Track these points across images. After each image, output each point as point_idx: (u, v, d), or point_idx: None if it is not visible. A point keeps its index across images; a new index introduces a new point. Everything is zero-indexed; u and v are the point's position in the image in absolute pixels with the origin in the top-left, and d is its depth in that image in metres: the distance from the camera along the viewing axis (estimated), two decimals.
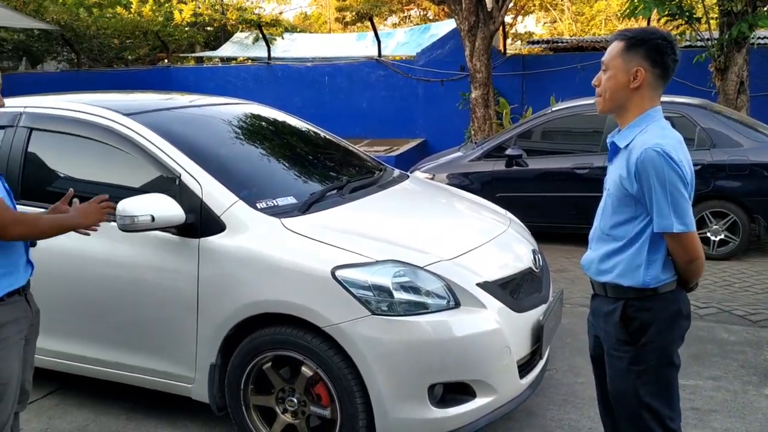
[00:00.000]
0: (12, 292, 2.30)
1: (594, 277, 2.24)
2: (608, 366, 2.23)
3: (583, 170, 6.67)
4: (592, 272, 2.25)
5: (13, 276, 2.31)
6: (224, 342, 2.95)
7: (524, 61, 11.11)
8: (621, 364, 2.16)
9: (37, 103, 3.61)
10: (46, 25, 14.00)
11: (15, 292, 2.32)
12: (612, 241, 2.16)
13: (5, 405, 2.29)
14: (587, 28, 28.61)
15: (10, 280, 2.30)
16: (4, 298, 2.27)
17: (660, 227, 2.03)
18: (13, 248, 2.31)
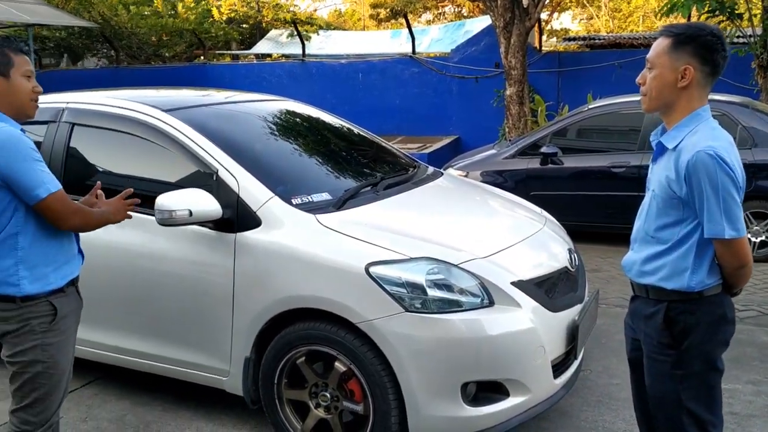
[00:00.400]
0: (69, 282, 2.37)
1: (635, 278, 2.19)
2: (648, 369, 2.18)
3: (619, 169, 6.58)
4: (633, 274, 2.19)
5: (71, 265, 2.39)
6: (259, 336, 2.98)
7: (560, 58, 10.99)
8: (663, 367, 2.12)
9: (79, 99, 3.69)
10: (87, 23, 14.29)
11: (71, 282, 2.39)
12: (656, 243, 2.10)
13: (58, 394, 2.37)
14: (624, 25, 28.16)
15: (69, 268, 2.38)
16: (65, 288, 2.34)
17: (711, 233, 1.97)
18: (70, 238, 2.40)
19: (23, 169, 2.17)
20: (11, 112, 2.29)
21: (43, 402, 2.33)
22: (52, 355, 2.30)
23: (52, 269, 2.30)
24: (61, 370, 2.35)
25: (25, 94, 2.30)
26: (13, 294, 2.25)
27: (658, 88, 2.06)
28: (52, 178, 2.23)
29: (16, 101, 2.29)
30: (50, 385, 2.33)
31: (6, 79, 2.27)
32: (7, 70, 2.27)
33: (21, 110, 2.32)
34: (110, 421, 3.42)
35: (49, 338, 2.30)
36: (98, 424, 3.38)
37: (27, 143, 2.21)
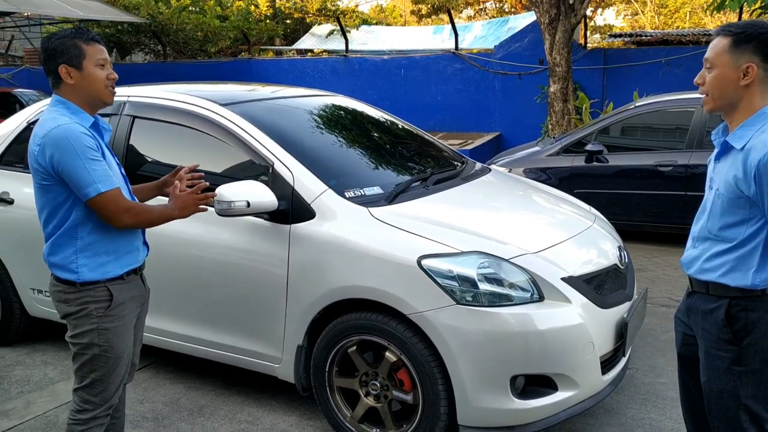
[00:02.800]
0: (130, 271, 2.46)
1: (695, 275, 2.18)
2: (705, 365, 2.18)
3: (666, 168, 6.50)
4: (693, 270, 2.19)
5: (132, 255, 2.47)
6: (311, 325, 3.06)
7: (606, 54, 10.86)
8: (722, 363, 2.12)
9: (140, 92, 3.82)
10: (136, 18, 14.63)
11: (132, 271, 2.48)
12: (721, 242, 2.10)
13: (116, 376, 2.46)
14: (671, 21, 27.62)
15: (129, 259, 2.45)
16: (124, 276, 2.43)
17: None
18: (132, 230, 2.46)
19: (76, 167, 2.23)
20: (87, 102, 2.37)
21: (101, 383, 2.43)
22: (108, 339, 2.39)
23: (112, 259, 2.39)
24: (118, 355, 2.42)
25: (100, 83, 2.36)
26: (74, 280, 2.35)
27: (720, 88, 2.06)
28: (106, 177, 2.27)
29: (92, 91, 2.36)
30: (107, 368, 2.42)
31: (79, 71, 2.33)
32: (80, 62, 2.33)
33: (97, 99, 2.39)
34: (165, 403, 3.54)
35: (106, 323, 2.38)
36: (154, 407, 3.51)
37: (83, 141, 2.25)
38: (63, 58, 2.33)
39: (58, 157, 2.23)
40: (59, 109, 2.34)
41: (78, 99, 2.36)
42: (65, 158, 2.23)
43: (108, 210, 2.29)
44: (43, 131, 2.27)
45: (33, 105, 4.31)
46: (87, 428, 2.43)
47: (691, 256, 2.21)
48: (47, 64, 2.35)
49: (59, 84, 2.36)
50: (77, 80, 2.34)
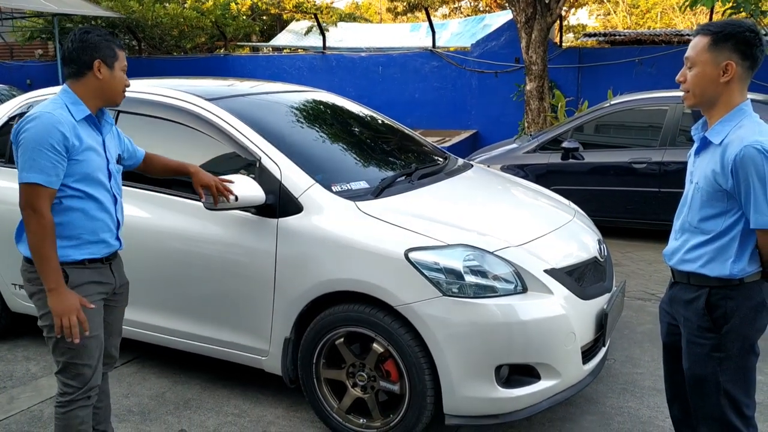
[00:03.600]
0: (94, 259, 2.51)
1: (677, 266, 2.28)
2: (687, 352, 2.28)
3: (640, 165, 6.64)
4: (675, 261, 2.29)
5: (95, 246, 2.52)
6: (299, 318, 3.10)
7: (580, 53, 11.02)
8: (702, 350, 2.21)
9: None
10: (112, 13, 14.45)
11: (97, 260, 2.53)
12: (700, 233, 2.19)
13: (87, 359, 2.49)
14: (642, 21, 28.03)
15: (92, 248, 2.51)
16: (86, 262, 2.49)
17: (758, 224, 2.06)
18: (102, 225, 2.53)
19: (30, 153, 2.32)
20: (101, 99, 2.52)
21: (74, 368, 2.48)
22: None
23: (74, 244, 2.45)
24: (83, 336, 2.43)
25: (121, 86, 2.55)
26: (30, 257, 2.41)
27: (701, 85, 2.14)
28: (45, 171, 2.31)
29: (113, 90, 2.53)
30: (74, 352, 2.46)
31: (111, 71, 2.49)
32: (113, 63, 2.50)
33: (112, 99, 2.55)
34: (151, 397, 3.55)
35: None
36: (140, 401, 3.52)
37: (53, 134, 2.32)
38: (100, 54, 2.47)
39: (23, 143, 2.34)
40: (58, 98, 2.45)
41: (93, 94, 2.49)
42: (27, 145, 2.33)
43: (23, 200, 2.35)
44: (33, 113, 2.38)
45: (13, 100, 4.27)
46: (68, 410, 2.50)
47: (672, 248, 2.31)
48: (80, 54, 2.46)
49: (83, 75, 2.47)
50: (105, 78, 2.49)
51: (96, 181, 2.48)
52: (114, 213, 2.58)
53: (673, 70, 2.27)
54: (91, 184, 2.47)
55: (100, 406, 2.76)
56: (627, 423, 3.27)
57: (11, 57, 18.31)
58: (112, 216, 2.57)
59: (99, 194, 2.49)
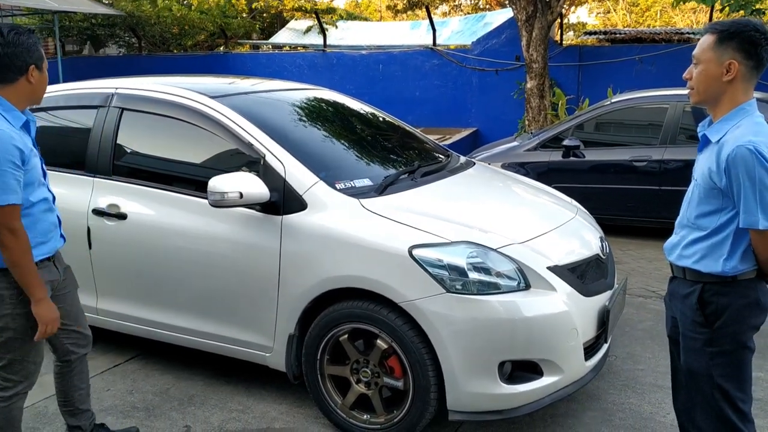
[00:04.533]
0: (43, 259, 2.57)
1: (675, 261, 2.32)
2: (683, 346, 2.32)
3: (640, 163, 6.66)
4: (673, 257, 2.32)
5: (45, 246, 2.57)
6: (303, 314, 3.12)
7: (581, 51, 11.04)
8: (696, 344, 2.25)
9: (127, 84, 3.83)
10: (113, 10, 14.45)
11: (46, 259, 2.59)
12: (696, 229, 2.22)
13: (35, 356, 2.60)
14: (642, 19, 28.05)
15: (42, 249, 2.56)
16: (37, 264, 2.51)
17: (746, 223, 2.08)
18: (47, 223, 2.58)
19: None
20: (30, 101, 2.49)
21: (20, 363, 2.56)
22: (22, 324, 2.51)
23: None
24: (32, 338, 2.54)
25: (46, 85, 2.54)
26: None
27: (705, 83, 2.17)
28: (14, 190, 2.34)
29: (40, 92, 2.51)
30: (23, 350, 2.55)
31: (41, 73, 2.47)
32: (41, 65, 2.46)
33: (39, 99, 2.53)
34: (155, 393, 3.57)
35: (18, 309, 2.50)
36: (144, 397, 3.54)
37: (11, 152, 2.33)
38: (32, 58, 2.41)
39: None
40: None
41: (24, 98, 2.46)
42: None
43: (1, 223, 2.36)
44: None
45: None
46: (10, 404, 2.58)
47: (672, 242, 2.35)
48: (13, 59, 2.37)
49: (15, 81, 2.40)
50: (37, 81, 2.45)
51: (39, 183, 2.52)
52: (55, 211, 2.64)
53: (673, 69, 2.30)
54: (38, 189, 2.51)
55: (83, 387, 2.92)
56: (628, 419, 3.29)
57: None
58: (54, 214, 2.63)
59: (44, 197, 2.55)
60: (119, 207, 3.53)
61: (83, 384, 2.92)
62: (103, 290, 3.70)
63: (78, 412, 2.95)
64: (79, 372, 2.90)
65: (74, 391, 2.91)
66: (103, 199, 3.59)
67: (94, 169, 3.68)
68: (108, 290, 3.69)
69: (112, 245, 3.58)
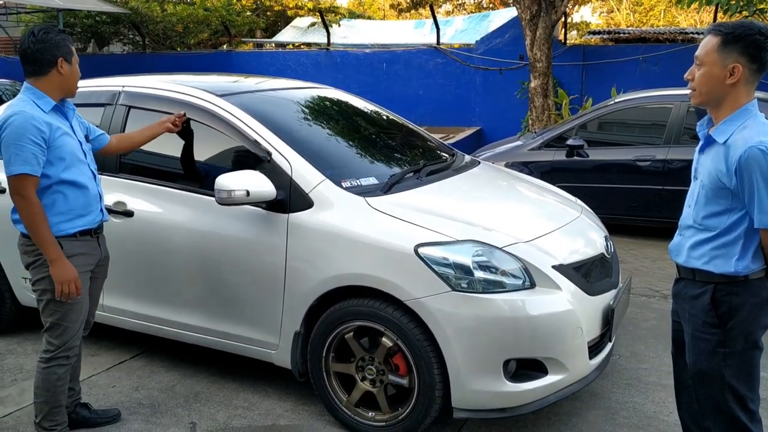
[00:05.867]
0: (84, 231, 2.86)
1: (682, 263, 2.31)
2: (692, 347, 2.30)
3: (644, 162, 6.67)
4: (681, 258, 2.31)
5: (85, 218, 2.87)
6: (308, 312, 3.13)
7: (585, 51, 11.04)
8: (707, 346, 2.24)
9: (135, 82, 3.85)
10: (118, 8, 14.48)
11: (87, 232, 2.88)
12: (704, 230, 2.22)
13: (72, 321, 2.87)
14: (645, 19, 28.03)
15: (83, 221, 2.86)
16: (77, 235, 2.84)
17: (761, 223, 2.09)
18: (87, 198, 2.87)
19: (13, 149, 2.66)
20: (63, 92, 2.83)
21: (59, 327, 2.85)
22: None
23: (65, 219, 2.80)
24: (71, 303, 2.82)
25: (77, 77, 2.88)
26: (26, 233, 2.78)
27: (707, 85, 2.17)
28: (29, 162, 2.66)
29: (72, 83, 2.85)
30: (62, 312, 2.83)
31: (70, 66, 2.82)
32: (71, 58, 2.81)
33: (72, 91, 2.88)
34: (161, 390, 3.59)
35: None
36: (150, 393, 3.56)
37: (30, 130, 2.66)
38: (61, 52, 2.78)
39: (4, 141, 2.69)
40: (24, 96, 2.78)
41: (56, 88, 2.80)
42: (8, 142, 2.67)
43: (11, 189, 2.72)
44: (7, 114, 2.71)
45: None
46: (49, 366, 2.88)
47: (677, 243, 2.35)
48: (44, 53, 2.75)
49: (46, 73, 2.77)
50: (66, 73, 2.80)
51: (77, 161, 2.83)
52: (96, 187, 2.93)
53: (677, 69, 2.30)
54: (74, 165, 2.81)
55: (75, 366, 3.13)
56: (632, 417, 3.30)
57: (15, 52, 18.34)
58: (95, 190, 2.92)
59: (82, 173, 2.84)
60: (126, 204, 3.56)
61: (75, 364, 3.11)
62: (109, 287, 3.69)
63: None
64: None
65: None
66: (110, 197, 3.60)
67: (101, 167, 3.68)
68: (114, 287, 3.69)
69: (119, 242, 3.58)
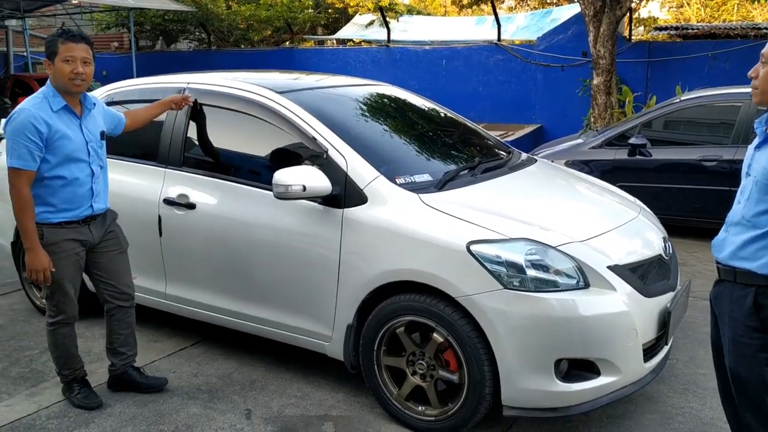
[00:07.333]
0: (71, 221, 3.12)
1: (726, 260, 2.23)
2: (732, 352, 2.23)
3: (710, 163, 6.47)
4: (724, 256, 2.24)
5: (70, 212, 3.12)
6: (361, 305, 3.18)
7: (650, 47, 10.75)
8: (749, 350, 2.17)
9: (198, 79, 3.98)
10: (184, 7, 14.91)
11: (74, 221, 3.13)
12: (753, 228, 2.15)
13: (62, 295, 3.19)
14: (717, 14, 27.01)
15: (68, 214, 3.12)
16: (62, 224, 3.11)
17: None
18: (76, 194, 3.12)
19: (11, 143, 2.94)
20: (59, 88, 3.05)
21: (54, 298, 3.22)
22: None
23: (51, 210, 3.07)
24: (56, 280, 3.12)
25: (64, 75, 3.01)
26: None
27: None
28: (23, 158, 2.94)
29: (60, 80, 3.02)
30: (51, 289, 3.18)
31: (53, 65, 3.02)
32: (53, 58, 3.00)
33: (64, 87, 3.04)
34: (218, 377, 3.71)
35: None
36: (208, 380, 3.68)
37: (28, 128, 2.93)
38: (47, 53, 3.05)
39: (7, 129, 2.98)
40: (42, 92, 3.06)
41: (54, 85, 3.07)
42: (11, 136, 2.96)
43: (9, 178, 2.99)
44: (17, 108, 3.00)
45: (95, 92, 4.49)
46: (54, 329, 3.28)
47: (720, 239, 2.27)
48: (46, 55, 3.06)
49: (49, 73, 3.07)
50: (52, 72, 3.05)
51: (74, 160, 3.06)
52: (91, 185, 3.15)
53: (748, 66, 2.22)
54: (68, 164, 3.04)
55: (122, 333, 3.46)
56: (688, 423, 3.23)
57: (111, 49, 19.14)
58: (86, 188, 3.14)
59: (76, 171, 3.08)
60: (188, 197, 3.69)
61: (122, 331, 3.44)
62: (172, 276, 3.86)
63: (116, 353, 3.49)
64: (118, 320, 3.42)
65: (113, 334, 3.45)
66: (174, 189, 3.75)
67: (166, 161, 3.85)
68: (176, 276, 3.85)
69: (181, 234, 3.74)
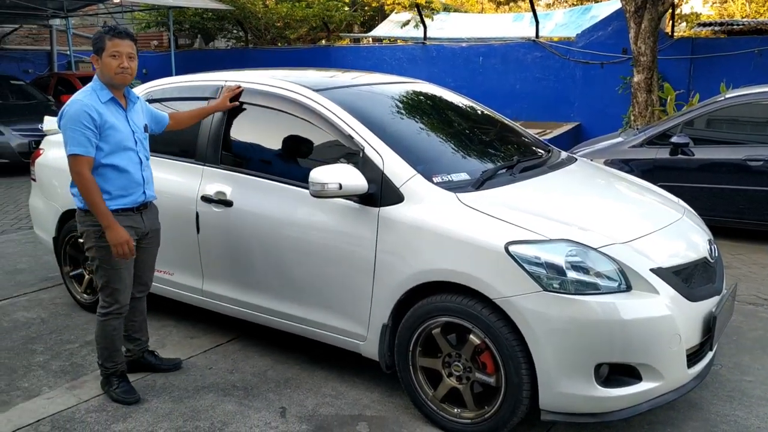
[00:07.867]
0: (125, 208, 3.27)
1: None
2: None
3: (756, 162, 6.27)
4: None
5: (124, 198, 3.27)
6: (397, 305, 3.15)
7: (693, 44, 10.49)
8: None
9: (236, 77, 4.00)
10: (223, 5, 15.06)
11: (128, 209, 3.28)
12: None
13: (117, 283, 3.30)
14: (763, 9, 26.27)
15: (122, 201, 3.27)
16: (118, 210, 3.23)
17: None
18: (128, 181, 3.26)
19: (69, 132, 3.10)
20: (106, 83, 3.21)
21: (108, 287, 3.31)
22: (103, 255, 3.25)
23: (107, 198, 3.18)
24: (113, 267, 3.26)
25: (111, 70, 3.17)
26: (81, 207, 3.28)
27: None
28: (82, 144, 3.09)
29: (107, 75, 3.19)
30: (108, 276, 3.29)
31: (100, 60, 3.18)
32: (101, 53, 3.17)
33: (111, 81, 3.21)
34: (254, 374, 3.72)
35: (101, 243, 3.22)
36: (244, 377, 3.70)
37: (83, 116, 3.09)
38: (95, 49, 3.22)
39: (63, 125, 3.15)
40: (90, 86, 3.22)
41: (101, 79, 3.23)
42: (67, 126, 3.12)
43: (70, 167, 3.14)
44: (69, 100, 3.16)
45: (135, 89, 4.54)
46: (105, 320, 3.36)
47: None
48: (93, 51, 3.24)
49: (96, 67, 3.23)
50: (99, 66, 3.22)
51: (123, 149, 3.22)
52: (140, 172, 3.31)
53: None
54: (119, 153, 3.20)
55: (135, 320, 3.62)
56: None
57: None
58: (138, 175, 3.29)
59: (126, 160, 3.23)
60: (225, 194, 3.70)
61: (136, 318, 3.62)
62: (209, 273, 3.89)
63: (132, 339, 3.66)
64: (133, 309, 3.53)
65: (128, 322, 3.55)
66: (211, 187, 3.77)
67: (204, 158, 3.87)
68: (213, 273, 3.87)
69: (218, 231, 3.76)
